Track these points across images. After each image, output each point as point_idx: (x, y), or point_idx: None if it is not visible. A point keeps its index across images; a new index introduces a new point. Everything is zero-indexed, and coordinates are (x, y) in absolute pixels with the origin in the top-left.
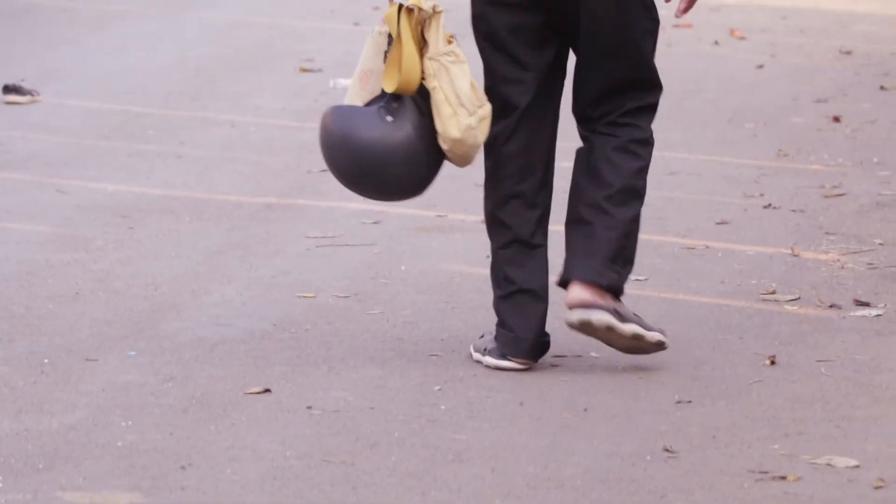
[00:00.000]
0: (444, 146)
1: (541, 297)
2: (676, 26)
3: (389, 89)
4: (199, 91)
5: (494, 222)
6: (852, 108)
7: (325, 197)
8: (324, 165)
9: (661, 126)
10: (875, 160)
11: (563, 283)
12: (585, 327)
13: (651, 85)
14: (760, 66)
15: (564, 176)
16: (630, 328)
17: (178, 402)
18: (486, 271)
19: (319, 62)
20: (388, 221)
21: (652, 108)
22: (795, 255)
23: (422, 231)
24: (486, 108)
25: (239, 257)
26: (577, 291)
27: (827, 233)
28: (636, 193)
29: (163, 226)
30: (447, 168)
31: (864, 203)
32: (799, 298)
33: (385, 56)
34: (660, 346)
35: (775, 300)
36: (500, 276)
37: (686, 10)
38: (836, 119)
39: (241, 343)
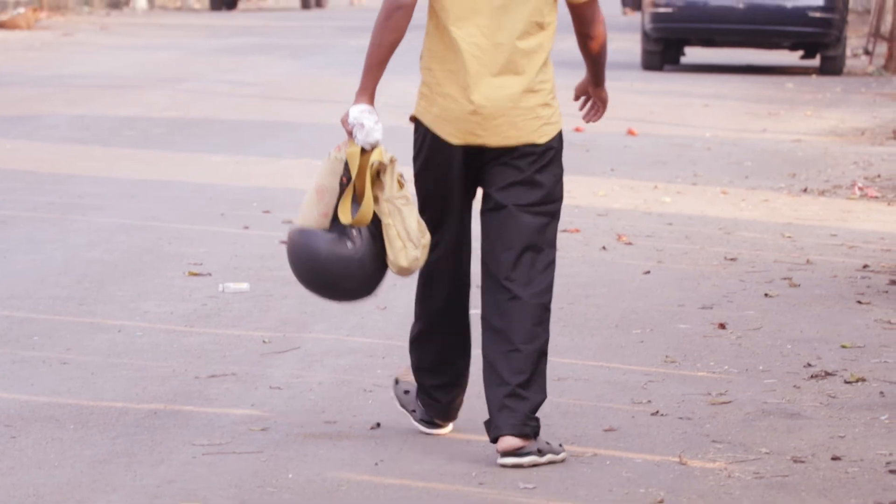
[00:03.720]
0: (392, 269)
1: (461, 377)
2: (564, 230)
3: (345, 222)
4: (86, 296)
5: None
6: (737, 315)
7: (212, 403)
8: (211, 371)
9: (549, 331)
10: (760, 368)
11: (494, 439)
12: (517, 467)
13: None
14: (647, 272)
15: None
16: (547, 459)
17: None
18: (375, 479)
19: (208, 266)
20: (276, 428)
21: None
22: (683, 464)
23: (309, 438)
24: (427, 238)
25: (124, 466)
26: (508, 441)
27: (714, 441)
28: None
29: (46, 434)
30: (335, 375)
31: (750, 411)
32: None
33: (340, 181)
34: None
35: None
36: (424, 354)
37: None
38: (722, 326)
39: None
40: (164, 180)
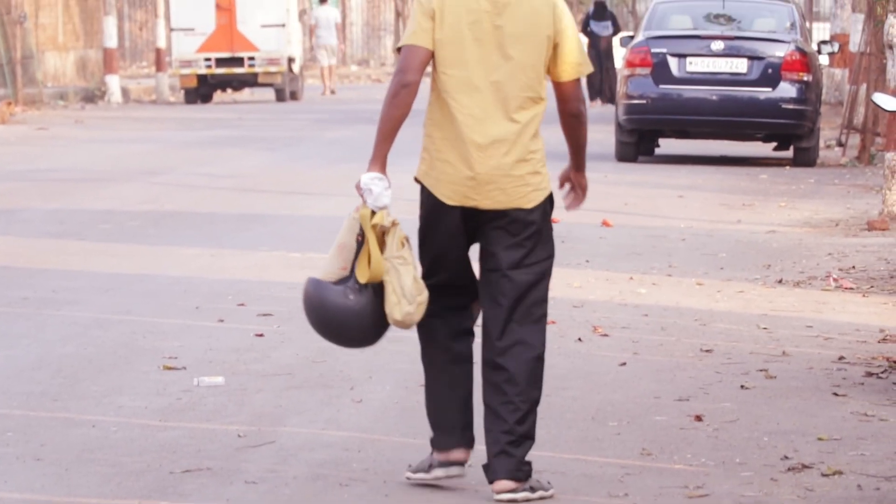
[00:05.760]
0: (390, 321)
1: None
2: None
3: (363, 280)
4: (61, 391)
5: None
6: (714, 407)
7: (187, 498)
8: (186, 466)
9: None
10: (737, 460)
11: (491, 481)
12: (512, 501)
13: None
14: (623, 364)
15: None
16: (538, 496)
17: None
18: None
19: (183, 360)
20: None
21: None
22: None
23: None
24: (424, 295)
25: None
26: (504, 484)
27: None
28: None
29: None
30: (310, 469)
31: None
32: None
33: (357, 238)
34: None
35: None
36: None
37: (574, 206)
38: (699, 418)
39: None
40: (138, 274)
